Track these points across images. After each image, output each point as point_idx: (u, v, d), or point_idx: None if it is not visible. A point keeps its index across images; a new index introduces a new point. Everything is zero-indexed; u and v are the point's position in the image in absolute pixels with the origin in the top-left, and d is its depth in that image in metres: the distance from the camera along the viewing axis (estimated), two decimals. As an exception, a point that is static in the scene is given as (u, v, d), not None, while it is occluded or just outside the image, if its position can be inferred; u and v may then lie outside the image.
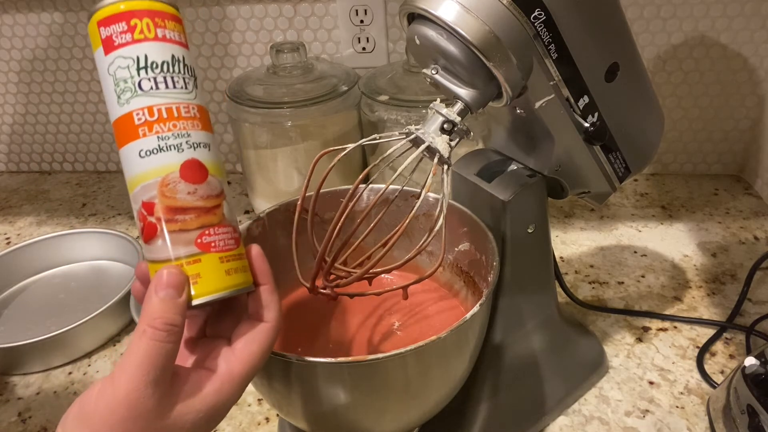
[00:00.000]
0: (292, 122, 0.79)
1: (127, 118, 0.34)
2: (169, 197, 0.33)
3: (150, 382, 0.31)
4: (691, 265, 0.75)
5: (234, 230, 0.36)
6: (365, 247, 0.43)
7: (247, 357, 0.35)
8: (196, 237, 0.34)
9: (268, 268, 0.37)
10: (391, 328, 0.51)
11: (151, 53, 0.34)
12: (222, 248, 0.34)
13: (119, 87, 0.34)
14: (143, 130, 0.34)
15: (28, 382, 0.65)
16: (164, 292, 0.32)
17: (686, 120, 0.91)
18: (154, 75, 0.34)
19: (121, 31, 0.33)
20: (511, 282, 0.50)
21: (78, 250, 0.81)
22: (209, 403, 0.33)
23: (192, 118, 0.35)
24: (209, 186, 0.34)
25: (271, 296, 0.36)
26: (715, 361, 0.61)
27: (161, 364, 0.32)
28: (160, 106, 0.34)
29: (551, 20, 0.38)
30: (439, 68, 0.41)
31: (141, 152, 0.34)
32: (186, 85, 0.35)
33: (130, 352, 0.32)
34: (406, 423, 0.45)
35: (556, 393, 0.56)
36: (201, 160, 0.34)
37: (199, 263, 0.34)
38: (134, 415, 0.31)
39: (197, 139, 0.35)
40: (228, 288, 0.34)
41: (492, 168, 0.50)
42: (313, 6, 0.89)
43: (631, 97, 0.48)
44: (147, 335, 0.31)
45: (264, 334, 0.35)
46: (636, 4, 0.83)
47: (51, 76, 1.01)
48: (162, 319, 0.32)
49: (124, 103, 0.34)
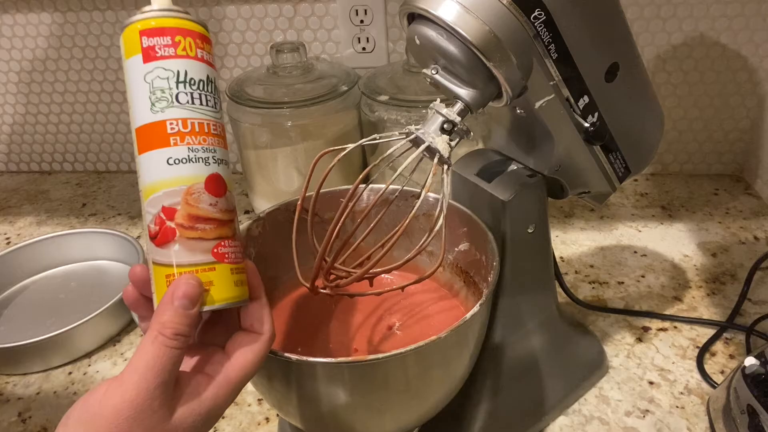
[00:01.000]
0: (292, 122, 0.79)
1: (159, 125, 0.35)
2: (193, 206, 0.35)
3: (159, 385, 0.32)
4: (691, 265, 0.75)
5: (241, 245, 0.38)
6: (365, 247, 0.43)
7: (243, 365, 0.36)
8: (213, 247, 0.36)
9: (261, 284, 0.39)
10: (391, 328, 0.51)
11: (191, 70, 0.36)
12: (233, 260, 0.37)
13: (155, 95, 0.35)
14: (174, 140, 0.35)
15: (28, 382, 0.65)
16: (179, 302, 0.34)
17: (686, 120, 0.91)
18: (191, 90, 0.36)
19: (165, 45, 0.35)
20: (511, 282, 0.50)
21: (78, 250, 0.81)
22: (207, 406, 0.35)
23: (218, 136, 0.37)
24: (227, 201, 0.37)
25: (265, 310, 0.38)
26: (715, 361, 0.61)
27: (170, 367, 0.33)
28: (194, 120, 0.36)
29: (551, 20, 0.38)
30: (439, 68, 0.41)
31: (170, 159, 0.35)
32: (216, 105, 0.37)
33: (140, 355, 0.33)
34: (406, 423, 0.45)
35: (556, 393, 0.56)
36: (223, 175, 0.37)
37: (213, 272, 0.36)
38: (140, 416, 0.32)
39: (221, 155, 0.37)
40: (233, 298, 0.36)
41: (492, 168, 0.50)
42: (313, 6, 0.89)
43: (631, 97, 0.48)
44: (158, 341, 0.33)
45: (259, 344, 0.37)
46: (636, 4, 0.83)
47: (51, 76, 1.01)
48: (173, 330, 0.33)
49: (158, 111, 0.35)
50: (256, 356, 0.37)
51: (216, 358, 0.37)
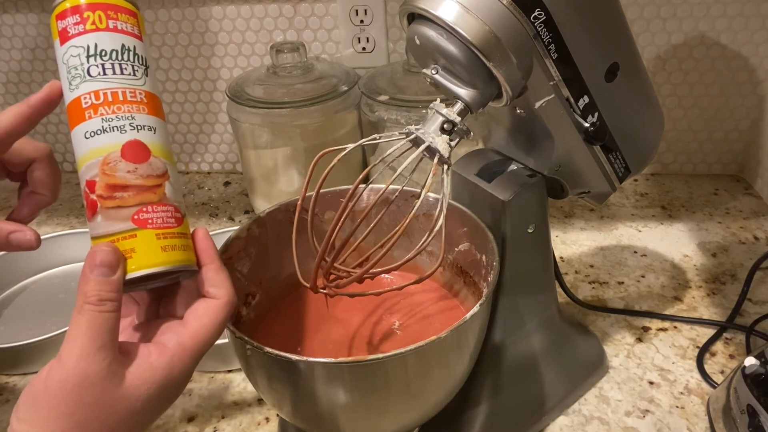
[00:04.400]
0: (292, 122, 0.79)
1: (76, 102, 0.36)
2: (109, 175, 0.35)
3: (98, 348, 0.32)
4: (691, 265, 0.75)
5: (176, 210, 0.37)
6: (365, 247, 0.43)
7: (197, 330, 0.36)
8: (133, 213, 0.35)
9: (213, 248, 0.38)
10: (391, 328, 0.51)
11: (101, 42, 0.36)
12: (160, 225, 0.36)
13: (71, 74, 0.36)
14: (89, 113, 0.36)
15: (28, 382, 0.64)
16: (98, 270, 0.34)
17: (686, 120, 0.91)
18: (103, 62, 0.36)
19: (74, 23, 0.36)
20: (511, 282, 0.50)
21: (78, 250, 0.81)
22: (161, 374, 0.34)
23: (138, 103, 0.37)
24: (151, 166, 0.36)
25: (218, 274, 0.37)
26: (715, 361, 0.61)
27: (106, 329, 0.33)
28: (106, 90, 0.36)
29: (551, 20, 0.38)
30: (439, 68, 0.41)
31: (86, 134, 0.36)
32: (135, 72, 0.37)
33: (72, 328, 0.33)
34: (406, 423, 0.45)
35: (556, 393, 0.56)
36: (144, 141, 0.36)
37: (135, 239, 0.35)
38: (86, 383, 0.31)
39: (142, 122, 0.36)
40: (163, 264, 0.36)
41: (492, 168, 0.50)
42: (313, 6, 0.89)
43: (631, 97, 0.48)
44: (85, 309, 0.33)
45: (214, 309, 0.36)
46: (636, 4, 0.83)
47: (51, 76, 1.01)
48: (97, 296, 0.33)
49: (74, 89, 0.36)
50: (211, 321, 0.36)
51: (171, 326, 0.36)
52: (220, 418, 0.58)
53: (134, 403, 0.33)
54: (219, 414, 0.58)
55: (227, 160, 1.05)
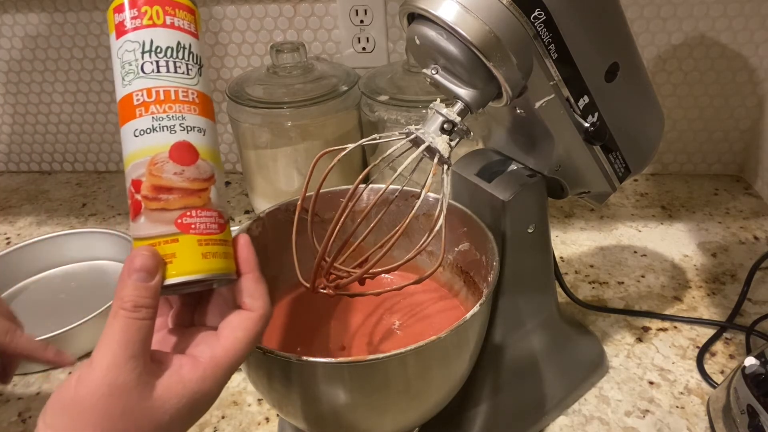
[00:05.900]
0: (292, 122, 0.79)
1: (128, 98, 0.35)
2: (156, 176, 0.34)
3: (129, 357, 0.31)
4: (691, 265, 0.75)
5: (220, 216, 0.36)
6: (365, 247, 0.43)
7: (232, 344, 0.34)
8: (176, 217, 0.34)
9: (254, 258, 0.37)
10: (391, 328, 0.51)
11: (157, 38, 0.35)
12: (202, 231, 0.35)
13: (124, 69, 0.35)
14: (140, 111, 0.35)
15: (28, 382, 0.64)
16: (136, 275, 0.33)
17: (686, 120, 0.91)
18: (157, 59, 0.35)
19: (132, 17, 0.35)
20: (511, 282, 0.50)
21: (78, 250, 0.81)
22: (192, 389, 0.33)
23: (190, 103, 0.36)
24: (198, 169, 0.35)
25: (256, 285, 0.36)
26: (715, 361, 0.61)
27: (139, 338, 0.32)
28: (159, 88, 0.35)
29: (551, 20, 0.38)
30: (439, 68, 0.41)
31: (136, 131, 0.35)
32: (188, 71, 0.36)
33: (105, 333, 0.32)
34: (406, 423, 0.45)
35: (556, 393, 0.56)
36: (193, 143, 0.35)
37: (176, 243, 0.34)
38: (116, 392, 0.31)
39: (192, 122, 0.35)
40: (203, 271, 0.35)
41: (492, 168, 0.50)
42: (313, 6, 0.89)
43: (631, 97, 0.48)
44: (120, 315, 0.32)
45: (249, 321, 0.35)
46: (636, 4, 0.83)
47: (51, 76, 1.01)
48: (133, 302, 0.32)
49: (126, 84, 0.35)
50: (246, 335, 0.35)
51: (204, 338, 0.35)
52: (219, 418, 0.58)
53: (162, 417, 0.32)
54: (219, 414, 0.58)
55: (227, 160, 1.05)
